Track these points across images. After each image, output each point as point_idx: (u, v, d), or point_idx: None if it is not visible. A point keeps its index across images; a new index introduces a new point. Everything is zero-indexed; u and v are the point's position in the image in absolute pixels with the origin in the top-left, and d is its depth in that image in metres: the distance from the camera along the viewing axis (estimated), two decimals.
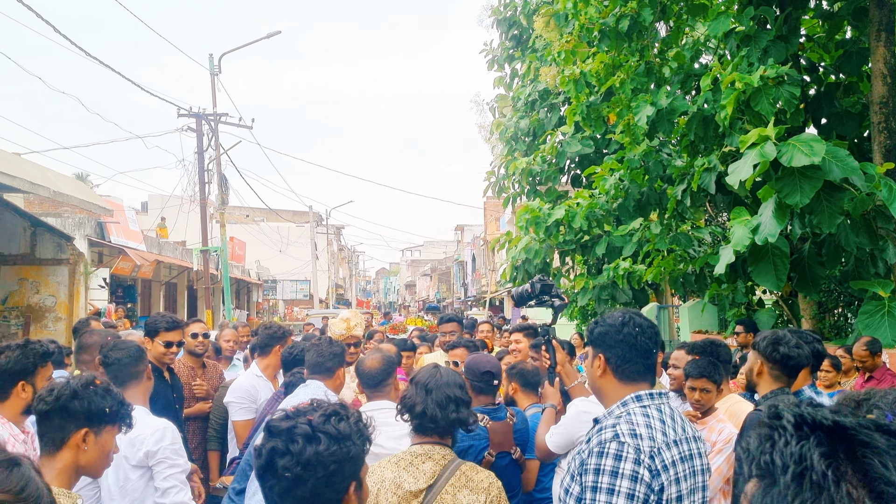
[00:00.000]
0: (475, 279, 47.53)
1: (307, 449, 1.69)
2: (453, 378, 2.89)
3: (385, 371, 3.67)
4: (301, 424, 1.72)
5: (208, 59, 19.00)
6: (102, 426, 2.32)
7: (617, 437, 2.19)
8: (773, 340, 3.20)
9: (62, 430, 2.26)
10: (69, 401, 2.26)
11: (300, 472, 1.68)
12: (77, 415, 2.26)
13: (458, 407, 2.79)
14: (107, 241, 16.67)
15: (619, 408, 2.33)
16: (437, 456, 2.71)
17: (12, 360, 2.98)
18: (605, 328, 2.41)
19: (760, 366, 3.22)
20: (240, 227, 40.40)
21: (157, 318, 4.49)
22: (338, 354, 4.08)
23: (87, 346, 3.74)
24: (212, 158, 18.96)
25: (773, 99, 5.23)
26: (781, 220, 4.87)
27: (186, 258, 22.67)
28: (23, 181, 11.40)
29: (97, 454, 2.31)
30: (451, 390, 2.80)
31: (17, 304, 13.35)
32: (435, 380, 2.81)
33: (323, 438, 1.71)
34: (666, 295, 10.61)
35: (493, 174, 11.05)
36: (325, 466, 1.70)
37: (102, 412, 2.30)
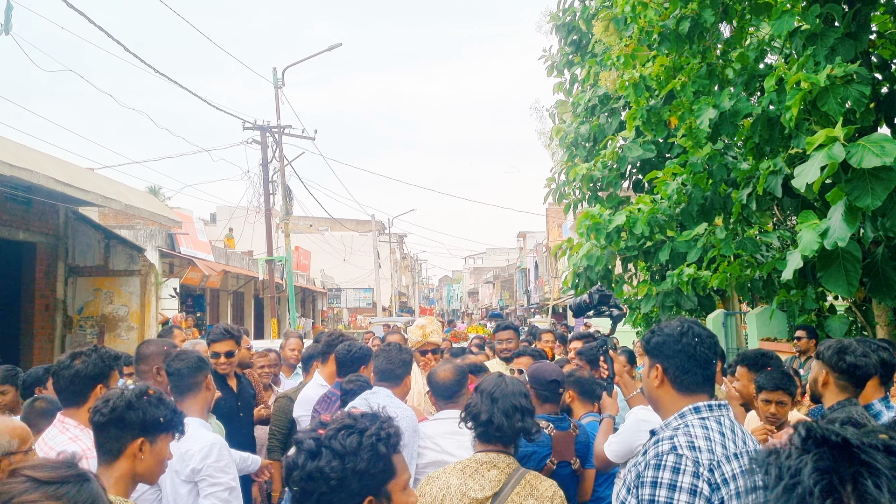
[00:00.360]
0: (538, 286, 47.24)
1: (308, 464, 1.75)
2: (518, 387, 2.91)
3: (458, 382, 3.68)
4: (308, 440, 1.79)
5: (272, 73, 19.40)
6: (157, 435, 2.38)
7: (675, 449, 2.14)
8: (838, 349, 3.09)
9: (119, 441, 2.33)
10: (125, 411, 2.33)
11: (304, 485, 1.74)
12: (133, 425, 2.33)
13: (524, 416, 2.81)
14: (176, 252, 17.17)
15: (676, 419, 2.27)
16: (502, 464, 2.73)
17: (90, 364, 3.06)
18: (663, 338, 2.35)
19: (826, 376, 3.11)
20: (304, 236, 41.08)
21: (210, 329, 4.64)
22: (407, 362, 4.09)
23: (145, 356, 3.82)
24: (276, 170, 19.34)
25: (841, 98, 5.05)
26: (852, 224, 4.70)
27: (253, 268, 23.16)
28: (96, 195, 11.84)
29: (153, 462, 2.37)
30: (517, 399, 2.82)
31: (92, 313, 13.86)
32: (500, 388, 2.83)
33: (325, 453, 1.75)
34: (733, 301, 10.35)
35: (553, 180, 10.98)
36: (326, 481, 1.73)
37: (157, 421, 2.37)
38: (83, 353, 3.13)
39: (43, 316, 13.23)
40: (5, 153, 9.58)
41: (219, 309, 23.81)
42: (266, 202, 19.29)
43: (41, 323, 13.14)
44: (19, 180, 10.01)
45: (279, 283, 21.56)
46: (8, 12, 8.23)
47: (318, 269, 38.77)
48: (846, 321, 7.13)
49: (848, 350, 3.07)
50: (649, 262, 8.99)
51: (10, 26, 8.31)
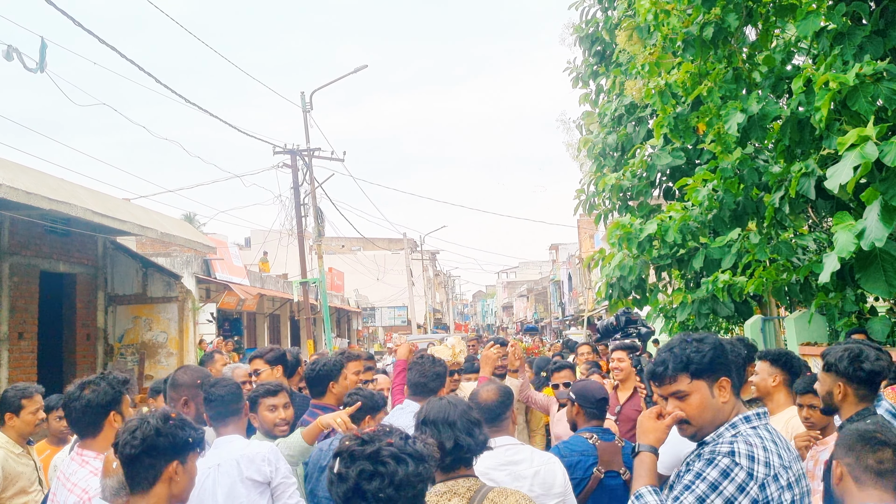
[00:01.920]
0: (572, 298, 46.96)
1: (399, 470, 1.73)
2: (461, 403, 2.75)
3: (503, 404, 3.49)
4: (386, 447, 1.77)
5: (300, 97, 19.66)
6: (188, 454, 2.43)
7: (732, 454, 2.08)
8: (852, 358, 2.93)
9: (154, 468, 2.35)
10: (156, 439, 2.35)
11: (392, 493, 1.71)
12: (165, 450, 2.36)
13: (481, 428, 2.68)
14: (213, 278, 17.41)
15: (728, 430, 2.19)
16: (462, 489, 2.54)
17: (100, 392, 3.03)
18: (714, 351, 2.22)
19: (843, 388, 2.94)
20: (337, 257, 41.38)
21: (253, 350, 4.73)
22: (440, 374, 4.05)
23: (178, 384, 3.77)
24: (307, 192, 19.56)
25: (871, 97, 4.98)
26: (889, 223, 4.61)
27: (287, 290, 23.38)
28: (133, 224, 12.07)
29: (187, 481, 2.43)
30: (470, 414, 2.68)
31: (132, 341, 14.10)
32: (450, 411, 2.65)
33: (409, 460, 1.76)
34: (770, 306, 10.19)
35: (582, 192, 10.94)
36: (413, 486, 1.75)
37: (186, 442, 2.42)
38: (91, 381, 3.08)
39: (84, 345, 13.49)
40: (45, 187, 9.82)
41: (256, 332, 24.05)
42: (298, 225, 19.50)
43: (83, 352, 13.40)
44: (58, 213, 10.25)
45: (314, 304, 21.73)
46: (42, 51, 8.47)
47: (351, 288, 39.01)
48: (888, 323, 6.98)
49: (862, 357, 2.91)
50: (683, 270, 8.89)
51: (44, 64, 8.54)
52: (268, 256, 27.32)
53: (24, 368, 11.20)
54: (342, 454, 1.80)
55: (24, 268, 11.50)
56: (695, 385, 2.20)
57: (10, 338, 11.01)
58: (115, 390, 3.08)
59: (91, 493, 2.75)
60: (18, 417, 4.38)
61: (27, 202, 9.28)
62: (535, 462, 3.23)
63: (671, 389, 2.24)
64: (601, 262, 9.60)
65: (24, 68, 8.53)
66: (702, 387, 2.20)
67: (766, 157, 7.78)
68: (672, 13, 6.81)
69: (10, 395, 4.47)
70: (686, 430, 2.25)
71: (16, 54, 8.41)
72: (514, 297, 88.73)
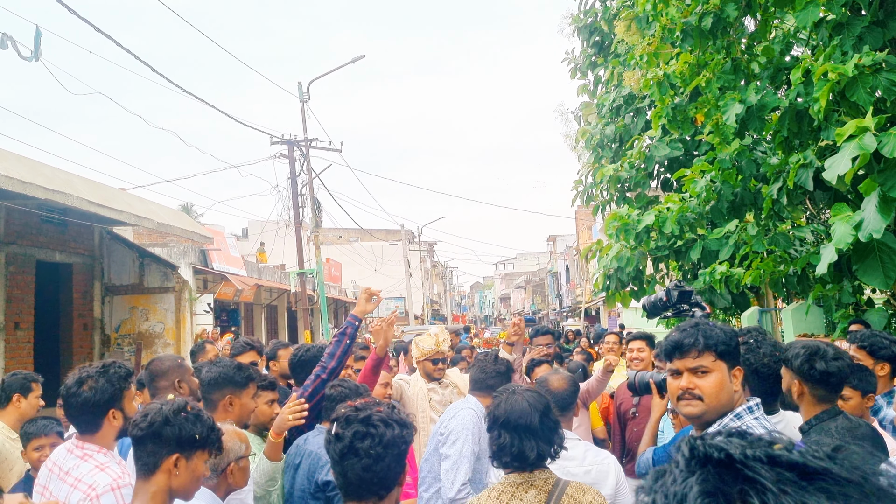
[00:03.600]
0: (570, 289, 47.00)
1: (387, 432, 2.07)
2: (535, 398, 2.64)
3: (573, 393, 3.41)
4: (376, 413, 2.12)
5: (297, 87, 19.58)
6: (193, 451, 2.37)
7: None
8: (808, 356, 2.78)
9: (155, 455, 2.33)
10: (161, 427, 2.33)
11: (381, 450, 2.05)
12: (168, 440, 2.33)
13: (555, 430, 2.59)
14: (210, 268, 17.37)
15: (733, 420, 2.21)
16: (539, 481, 2.51)
17: (98, 390, 2.87)
18: (735, 339, 2.27)
19: (799, 386, 2.80)
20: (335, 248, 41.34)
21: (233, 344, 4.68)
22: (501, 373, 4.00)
23: (162, 372, 3.68)
24: (304, 183, 19.51)
25: (870, 88, 4.96)
26: (887, 215, 4.60)
27: (285, 281, 23.36)
28: (129, 215, 12.05)
29: (188, 478, 2.36)
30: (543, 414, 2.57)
31: (129, 331, 14.10)
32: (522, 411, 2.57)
33: (395, 425, 2.11)
34: (767, 298, 10.19)
35: (580, 183, 10.92)
36: (397, 446, 2.09)
37: (192, 438, 2.36)
38: (90, 376, 2.89)
39: (81, 335, 13.47)
40: (40, 177, 9.79)
41: (253, 322, 24.03)
42: (295, 215, 19.46)
43: (80, 342, 13.39)
44: (55, 203, 10.22)
45: (311, 295, 21.71)
46: (37, 39, 8.41)
47: (349, 279, 38.98)
48: (885, 314, 6.98)
49: (817, 356, 2.75)
50: (681, 262, 8.88)
51: (39, 53, 8.48)
52: (265, 247, 27.27)
53: (20, 359, 11.18)
54: (339, 419, 2.14)
55: (20, 257, 11.46)
56: (718, 364, 2.22)
57: (6, 328, 10.99)
58: (115, 387, 2.91)
59: (99, 490, 2.64)
60: (26, 400, 4.44)
61: (23, 192, 9.25)
62: (586, 461, 3.16)
63: (694, 364, 2.24)
64: (599, 254, 9.59)
65: (18, 56, 8.46)
66: (723, 368, 2.23)
67: (765, 149, 7.76)
68: (671, 3, 6.78)
69: (19, 377, 4.54)
70: (696, 406, 2.24)
71: (10, 42, 8.35)
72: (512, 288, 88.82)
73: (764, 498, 0.66)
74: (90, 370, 2.93)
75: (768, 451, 0.72)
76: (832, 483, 0.67)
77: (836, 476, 0.68)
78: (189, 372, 3.58)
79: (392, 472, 2.09)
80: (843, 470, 0.68)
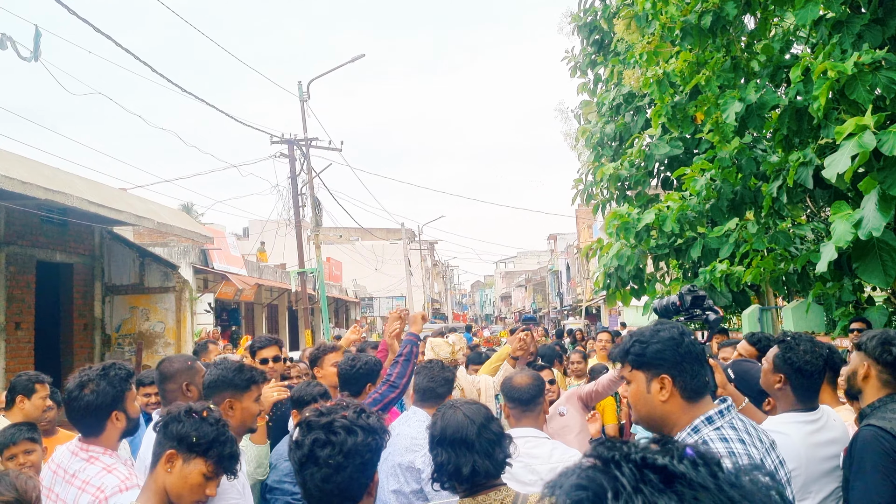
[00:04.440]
0: (570, 288, 46.99)
1: (348, 440, 1.92)
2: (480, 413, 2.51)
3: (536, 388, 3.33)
4: (339, 419, 1.96)
5: (297, 87, 19.57)
6: (191, 456, 2.33)
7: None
8: (883, 340, 2.88)
9: (160, 446, 2.37)
10: (170, 421, 2.37)
11: (341, 460, 1.90)
12: (170, 436, 2.35)
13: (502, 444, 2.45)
14: (210, 268, 17.38)
15: (690, 435, 2.09)
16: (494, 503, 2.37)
17: (100, 393, 2.83)
18: (662, 344, 2.12)
19: (867, 369, 2.90)
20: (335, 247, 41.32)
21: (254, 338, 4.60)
22: (449, 380, 3.94)
23: (171, 374, 3.60)
24: (304, 182, 19.50)
25: (869, 86, 4.96)
26: (886, 213, 4.60)
27: (285, 280, 23.36)
28: (129, 215, 12.05)
29: (177, 480, 2.33)
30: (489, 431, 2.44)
31: (129, 331, 14.10)
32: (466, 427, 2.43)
33: (359, 431, 1.94)
34: (768, 296, 10.19)
35: (580, 181, 10.92)
36: (361, 455, 1.93)
37: (190, 441, 2.33)
38: (91, 379, 2.86)
39: (82, 335, 13.48)
40: (41, 177, 9.79)
41: (254, 322, 24.03)
42: (296, 215, 19.45)
43: (80, 342, 13.39)
44: (55, 203, 10.22)
45: (312, 294, 21.71)
46: (37, 40, 8.41)
47: (349, 278, 38.98)
48: (885, 312, 6.98)
49: (894, 341, 2.85)
50: (681, 260, 8.88)
51: (38, 53, 8.48)
52: (265, 246, 27.28)
53: (21, 359, 11.19)
54: (301, 424, 1.99)
55: (20, 258, 11.47)
56: (634, 375, 2.17)
57: (6, 328, 11.00)
58: (117, 389, 2.87)
59: (107, 492, 2.62)
60: (29, 401, 4.41)
61: (23, 192, 9.25)
62: (552, 458, 3.09)
63: (621, 374, 2.28)
64: (599, 252, 9.59)
65: (18, 57, 8.46)
66: (639, 378, 2.15)
67: (764, 147, 7.76)
68: (670, 2, 6.78)
69: (23, 378, 4.51)
70: (634, 415, 2.25)
71: (10, 43, 8.35)
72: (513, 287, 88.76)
73: (621, 494, 0.75)
74: (90, 373, 2.89)
75: (645, 454, 0.80)
76: (687, 487, 0.76)
77: (691, 481, 0.77)
78: (200, 374, 3.50)
79: (355, 483, 1.93)
80: (699, 477, 0.77)
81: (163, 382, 3.61)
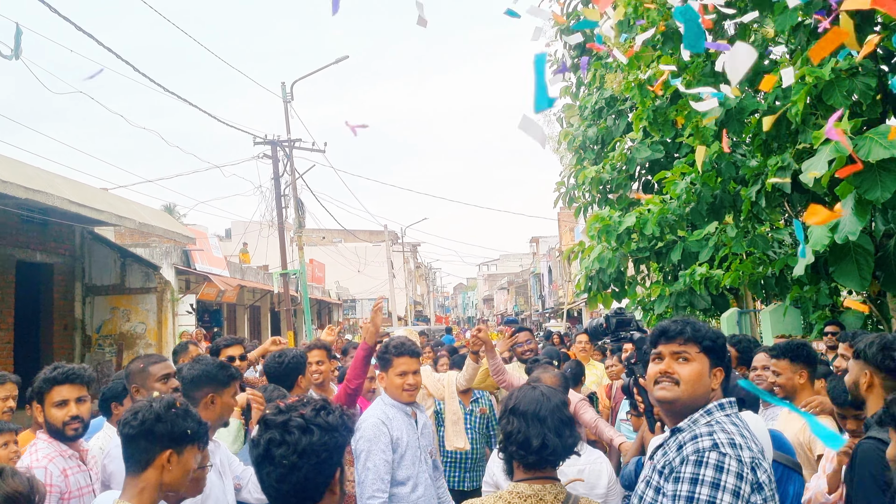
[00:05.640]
0: (552, 291, 47.14)
1: (302, 439, 1.90)
2: (557, 396, 2.56)
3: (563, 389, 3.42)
4: (295, 418, 1.94)
5: (280, 88, 19.53)
6: (184, 446, 2.41)
7: (717, 446, 2.07)
8: (883, 346, 2.78)
9: (148, 452, 2.37)
10: (154, 424, 2.37)
11: (296, 460, 1.89)
12: (162, 437, 2.37)
13: (572, 430, 2.48)
14: (192, 269, 17.28)
15: (704, 416, 2.20)
16: (549, 497, 2.37)
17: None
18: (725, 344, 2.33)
19: (870, 377, 2.81)
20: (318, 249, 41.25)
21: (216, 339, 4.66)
22: None
23: (126, 375, 3.70)
24: (288, 183, 19.45)
25: (846, 91, 5.04)
26: (862, 217, 4.68)
27: (268, 282, 23.27)
28: (111, 215, 11.97)
29: (180, 473, 2.41)
30: (562, 412, 2.49)
31: (110, 332, 14.00)
32: (543, 404, 2.46)
33: (315, 430, 1.92)
34: (746, 299, 10.30)
35: (562, 184, 10.98)
36: (317, 455, 1.91)
37: (184, 433, 2.40)
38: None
39: (62, 336, 13.37)
40: (21, 176, 9.71)
41: (236, 323, 23.92)
42: (279, 216, 19.39)
43: (60, 343, 13.28)
44: (35, 203, 10.14)
45: (294, 295, 21.64)
46: (17, 38, 8.36)
47: (332, 280, 38.87)
48: (861, 316, 7.08)
49: (894, 346, 2.76)
50: (661, 263, 8.97)
51: (20, 51, 8.42)
52: (248, 247, 27.16)
53: (0, 359, 11.09)
54: (260, 422, 2.00)
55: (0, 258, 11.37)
56: (700, 357, 2.26)
57: None
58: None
59: None
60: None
61: (3, 191, 9.17)
62: (580, 461, 3.19)
63: (678, 348, 2.29)
64: (581, 255, 9.65)
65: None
66: (705, 361, 2.26)
67: (744, 151, 7.85)
68: (651, 9, 6.85)
69: None
70: (671, 390, 2.26)
71: None
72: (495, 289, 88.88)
73: None
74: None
75: None
76: None
77: None
78: (153, 377, 3.55)
79: (311, 483, 1.92)
80: None
81: (128, 380, 3.70)
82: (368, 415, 3.95)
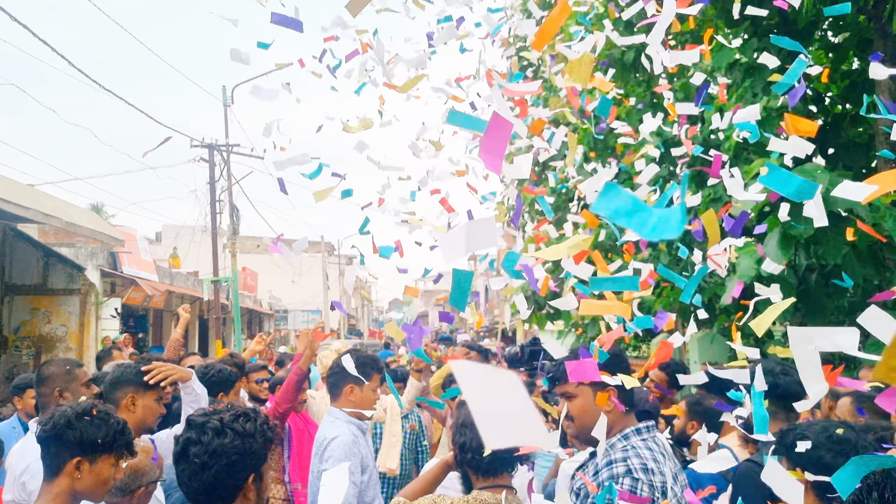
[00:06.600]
0: (488, 309, 47.38)
1: (214, 441, 2.03)
2: None
3: None
4: (214, 420, 2.08)
5: (221, 91, 19.25)
6: (97, 455, 2.35)
7: (630, 472, 2.16)
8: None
9: (58, 457, 2.31)
10: (63, 430, 2.30)
11: (207, 459, 2.01)
12: (70, 444, 2.30)
13: None
14: (119, 272, 16.77)
15: (620, 441, 2.30)
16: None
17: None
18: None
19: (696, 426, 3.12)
20: (252, 256, 40.56)
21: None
22: None
23: (45, 378, 3.50)
24: (224, 189, 19.13)
25: (776, 130, 5.22)
26: (786, 251, 4.84)
27: (198, 288, 22.76)
28: (36, 212, 11.54)
29: (92, 482, 2.35)
30: None
31: (29, 333, 13.46)
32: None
33: (229, 433, 2.05)
34: (677, 326, 10.52)
35: (503, 204, 11.06)
36: (227, 456, 2.03)
37: (94, 442, 2.33)
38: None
39: None
40: None
41: (162, 330, 23.28)
42: (213, 221, 19.05)
43: None
44: None
45: (225, 304, 21.22)
46: None
47: (265, 290, 38.26)
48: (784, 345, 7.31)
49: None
50: None
51: None
52: (179, 252, 26.54)
53: None
54: (186, 421, 2.14)
55: None
56: (581, 389, 2.40)
57: None
58: None
59: None
60: None
61: None
62: None
63: (562, 389, 2.47)
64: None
65: None
66: (586, 392, 2.39)
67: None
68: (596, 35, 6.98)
69: None
70: (571, 428, 2.44)
71: None
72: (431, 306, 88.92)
73: None
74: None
75: None
76: None
77: None
78: (79, 381, 3.42)
79: (221, 483, 2.03)
80: None
81: (38, 386, 3.52)
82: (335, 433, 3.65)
